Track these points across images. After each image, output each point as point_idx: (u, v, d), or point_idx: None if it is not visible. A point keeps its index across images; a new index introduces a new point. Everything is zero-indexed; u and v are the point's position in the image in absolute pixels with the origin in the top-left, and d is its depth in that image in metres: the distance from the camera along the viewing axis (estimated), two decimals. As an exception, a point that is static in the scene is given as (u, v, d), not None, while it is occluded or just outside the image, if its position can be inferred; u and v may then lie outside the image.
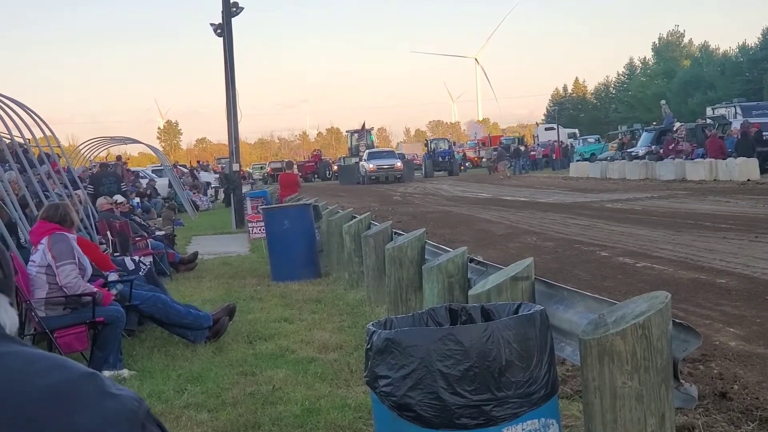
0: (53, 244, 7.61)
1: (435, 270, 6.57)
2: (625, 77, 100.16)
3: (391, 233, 9.97)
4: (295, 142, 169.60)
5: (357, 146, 61.54)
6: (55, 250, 7.58)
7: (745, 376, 6.09)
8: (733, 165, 30.07)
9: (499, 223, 19.88)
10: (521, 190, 34.40)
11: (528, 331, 3.69)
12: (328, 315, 9.67)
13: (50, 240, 7.65)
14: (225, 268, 14.78)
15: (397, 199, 33.63)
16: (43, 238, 7.72)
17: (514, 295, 5.14)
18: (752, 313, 8.25)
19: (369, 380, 3.81)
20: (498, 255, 12.82)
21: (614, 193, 28.69)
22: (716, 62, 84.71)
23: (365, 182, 51.69)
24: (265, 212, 14.67)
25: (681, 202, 22.65)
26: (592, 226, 17.63)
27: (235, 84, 24.71)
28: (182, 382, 7.02)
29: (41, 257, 7.64)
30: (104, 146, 35.51)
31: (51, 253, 7.58)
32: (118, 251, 12.71)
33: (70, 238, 7.82)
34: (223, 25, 24.58)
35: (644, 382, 3.62)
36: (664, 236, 14.79)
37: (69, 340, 7.52)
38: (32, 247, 8.07)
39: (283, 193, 24.52)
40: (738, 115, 40.11)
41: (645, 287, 9.25)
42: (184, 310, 8.54)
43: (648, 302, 3.76)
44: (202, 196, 38.50)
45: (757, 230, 14.61)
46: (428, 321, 4.20)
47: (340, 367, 7.09)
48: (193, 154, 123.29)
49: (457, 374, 3.54)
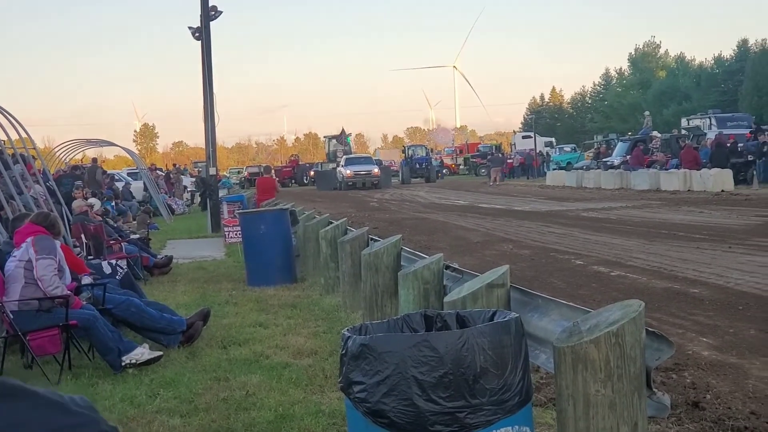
0: (38, 242, 7.84)
1: (411, 276, 6.57)
2: (601, 87, 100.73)
3: (367, 239, 9.96)
4: (273, 146, 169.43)
5: (334, 152, 61.53)
6: (38, 246, 7.79)
7: (718, 386, 6.13)
8: (708, 176, 30.28)
9: (475, 230, 19.91)
10: (498, 198, 34.48)
11: (503, 339, 3.69)
12: (303, 320, 9.64)
13: (35, 238, 7.89)
14: (200, 273, 14.71)
15: (373, 206, 33.62)
16: (28, 238, 7.90)
17: (489, 302, 5.15)
18: (725, 322, 8.30)
19: (343, 386, 3.80)
20: (474, 262, 12.84)
21: (590, 202, 28.81)
22: (692, 73, 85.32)
23: (342, 188, 51.66)
24: (241, 217, 14.64)
25: (655, 211, 22.77)
26: (567, 234, 17.69)
27: (213, 88, 24.64)
28: (155, 386, 6.98)
29: (23, 253, 7.82)
30: (80, 148, 35.33)
31: (34, 248, 7.75)
32: (92, 254, 12.64)
33: (54, 240, 8.13)
34: (202, 29, 24.49)
35: (617, 391, 3.64)
36: (638, 245, 14.86)
37: (42, 343, 7.49)
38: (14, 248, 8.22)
39: (260, 198, 24.48)
40: (713, 127, 40.48)
41: (619, 296, 9.30)
42: (158, 314, 8.51)
43: (622, 311, 3.77)
44: (177, 199, 38.35)
45: (731, 241, 14.72)
46: (403, 327, 4.19)
47: (315, 373, 7.07)
48: (169, 158, 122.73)
49: (431, 381, 3.54)
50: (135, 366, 7.52)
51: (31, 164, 18.96)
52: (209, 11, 24.45)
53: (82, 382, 7.29)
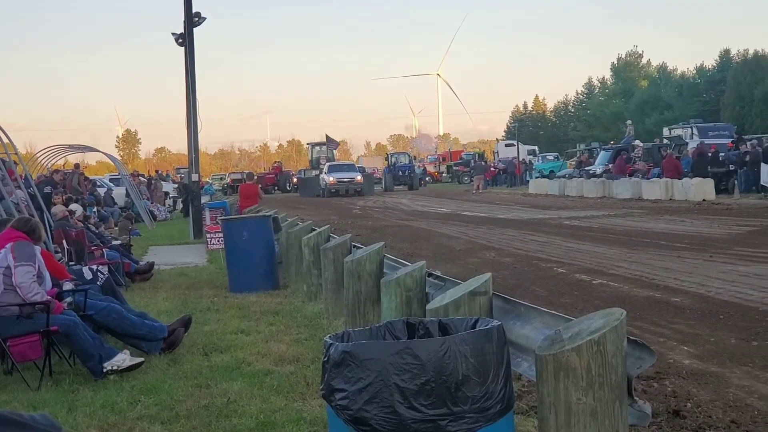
0: (17, 248, 7.76)
1: (393, 284, 6.57)
2: (583, 96, 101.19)
3: (350, 246, 9.96)
4: (256, 153, 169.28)
5: (317, 159, 61.49)
6: (17, 252, 7.71)
7: (699, 395, 6.15)
8: (689, 185, 30.43)
9: (458, 238, 19.92)
10: (481, 206, 34.52)
11: (485, 346, 3.70)
12: (285, 327, 9.62)
13: (14, 244, 7.81)
14: (182, 279, 14.66)
15: (356, 213, 33.61)
16: (8, 244, 7.83)
17: (471, 310, 5.15)
18: (706, 331, 8.34)
19: (325, 393, 3.80)
20: (456, 270, 12.85)
21: (572, 210, 28.90)
22: (674, 83, 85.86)
23: (325, 195, 51.59)
24: (224, 223, 14.59)
25: (637, 220, 22.86)
26: (549, 242, 17.74)
27: (195, 94, 24.59)
28: (136, 393, 6.94)
29: (2, 259, 7.73)
30: (62, 154, 35.16)
31: (12, 254, 7.68)
32: (73, 260, 12.58)
33: (34, 247, 8.04)
34: (185, 35, 24.45)
35: (599, 399, 3.64)
36: (620, 254, 14.92)
37: (22, 349, 7.45)
38: None
39: (243, 204, 24.41)
40: (694, 136, 40.64)
41: (601, 304, 9.33)
42: (139, 320, 8.48)
43: (603, 319, 3.78)
44: (159, 206, 38.22)
45: (712, 250, 14.79)
46: (386, 334, 4.19)
47: (297, 380, 7.05)
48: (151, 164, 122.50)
49: (413, 388, 3.54)
50: (117, 372, 7.48)
51: (13, 170, 18.85)
52: (193, 17, 24.41)
53: (63, 388, 7.25)
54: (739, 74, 71.21)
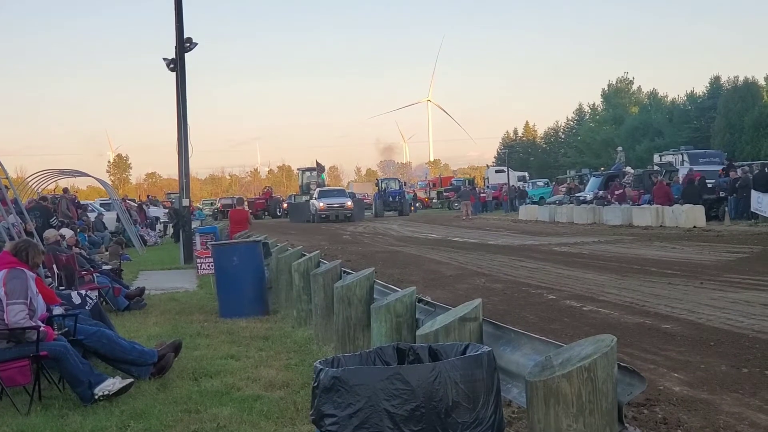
0: (9, 280, 7.65)
1: (383, 309, 6.56)
2: (574, 122, 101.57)
3: (340, 272, 9.95)
4: (246, 178, 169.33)
5: (308, 184, 61.51)
6: (9, 286, 7.61)
7: (689, 421, 6.15)
8: (680, 212, 30.49)
9: (448, 264, 19.92)
10: (471, 232, 34.54)
11: (475, 372, 3.70)
12: (275, 352, 9.60)
13: (7, 275, 7.69)
14: (172, 304, 14.61)
15: (347, 238, 33.60)
16: (1, 271, 7.72)
17: (461, 335, 5.15)
18: (697, 358, 8.34)
19: (315, 419, 3.79)
20: (447, 296, 12.84)
21: (562, 236, 28.91)
22: (664, 110, 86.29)
23: (315, 220, 51.62)
24: (214, 248, 14.58)
25: (627, 247, 22.89)
26: (540, 268, 17.74)
27: (186, 119, 24.61)
28: (125, 418, 6.91)
29: None
30: (53, 179, 35.09)
31: (4, 288, 7.59)
32: (63, 285, 12.54)
33: (28, 275, 7.87)
34: (176, 60, 24.50)
35: (589, 425, 3.64)
36: (610, 281, 14.93)
37: (12, 374, 7.42)
38: None
39: (233, 230, 24.40)
40: (685, 163, 40.76)
41: (591, 330, 9.34)
42: (129, 345, 8.46)
43: (594, 345, 3.78)
44: (150, 230, 38.14)
45: (702, 277, 14.81)
46: (376, 360, 4.19)
47: (286, 406, 7.03)
48: (142, 189, 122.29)
49: (403, 414, 3.54)
50: (108, 398, 7.44)
51: (4, 194, 18.80)
52: (184, 43, 24.48)
53: (52, 413, 7.21)
54: (730, 101, 71.70)
